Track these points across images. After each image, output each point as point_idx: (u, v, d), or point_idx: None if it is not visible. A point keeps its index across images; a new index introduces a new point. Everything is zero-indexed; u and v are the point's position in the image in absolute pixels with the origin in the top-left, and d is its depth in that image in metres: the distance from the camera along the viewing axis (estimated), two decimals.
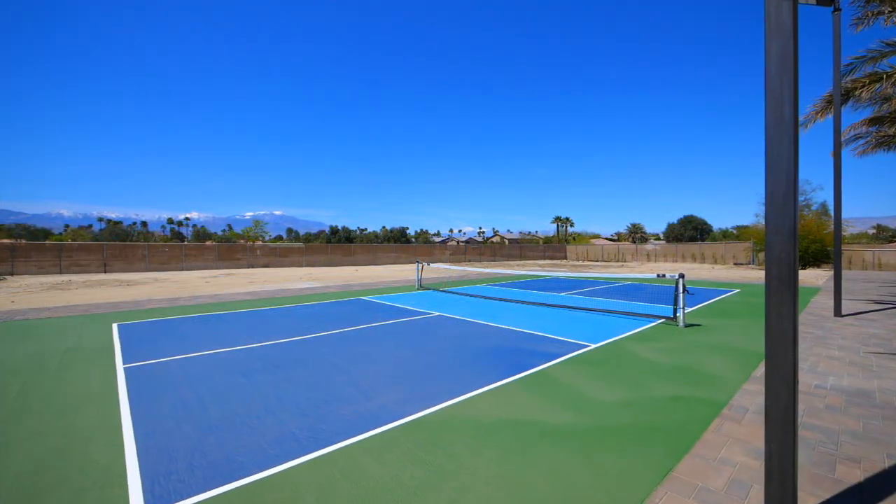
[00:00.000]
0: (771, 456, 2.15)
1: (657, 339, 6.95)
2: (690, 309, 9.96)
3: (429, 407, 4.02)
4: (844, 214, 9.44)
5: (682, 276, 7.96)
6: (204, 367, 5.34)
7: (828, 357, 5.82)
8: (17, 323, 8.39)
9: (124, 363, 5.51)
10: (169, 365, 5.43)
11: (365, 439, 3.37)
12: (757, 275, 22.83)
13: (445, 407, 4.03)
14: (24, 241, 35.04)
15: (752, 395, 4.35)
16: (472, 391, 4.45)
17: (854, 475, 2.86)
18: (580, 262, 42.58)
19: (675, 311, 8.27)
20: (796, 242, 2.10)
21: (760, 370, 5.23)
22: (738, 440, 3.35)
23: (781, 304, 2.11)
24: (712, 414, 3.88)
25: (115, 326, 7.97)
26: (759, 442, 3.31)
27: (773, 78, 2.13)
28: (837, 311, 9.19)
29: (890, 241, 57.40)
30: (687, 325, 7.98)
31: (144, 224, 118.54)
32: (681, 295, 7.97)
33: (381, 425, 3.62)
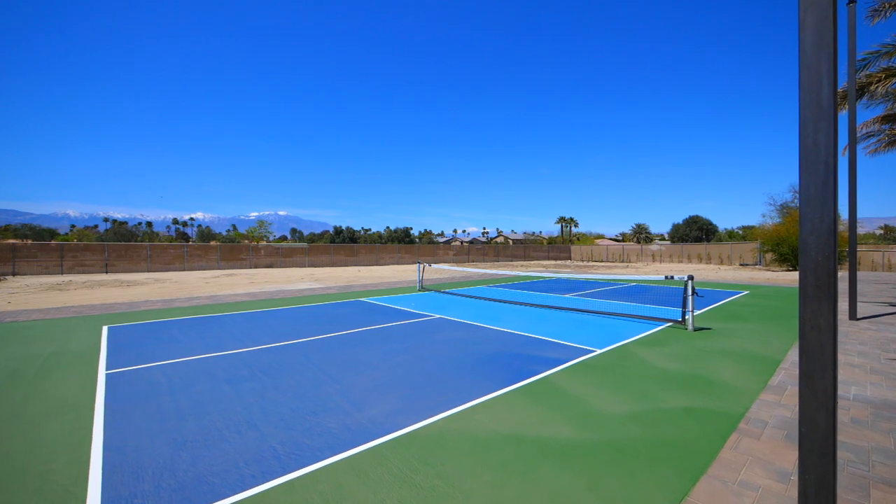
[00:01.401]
0: (806, 489, 1.86)
1: (666, 343, 6.64)
2: (698, 312, 9.62)
3: (422, 419, 3.74)
4: None
5: (691, 277, 7.64)
6: (189, 373, 5.10)
7: (847, 364, 5.49)
8: (5, 325, 8.19)
9: (107, 369, 5.28)
10: (153, 371, 5.19)
11: (351, 456, 3.10)
12: (765, 276, 22.38)
13: (440, 419, 3.75)
14: (29, 241, 35.12)
15: (769, 407, 4.05)
16: (469, 401, 4.17)
17: (892, 502, 2.56)
18: (585, 263, 42.15)
19: (683, 314, 7.96)
20: (835, 244, 1.81)
21: (777, 378, 4.92)
22: (758, 459, 3.06)
23: (819, 314, 1.82)
24: (728, 428, 3.58)
25: (104, 329, 7.76)
26: (782, 461, 3.01)
27: (809, 54, 1.84)
28: (853, 315, 8.83)
29: None
30: (696, 329, 7.66)
31: (150, 224, 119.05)
32: (690, 297, 7.65)
33: (370, 440, 3.35)
